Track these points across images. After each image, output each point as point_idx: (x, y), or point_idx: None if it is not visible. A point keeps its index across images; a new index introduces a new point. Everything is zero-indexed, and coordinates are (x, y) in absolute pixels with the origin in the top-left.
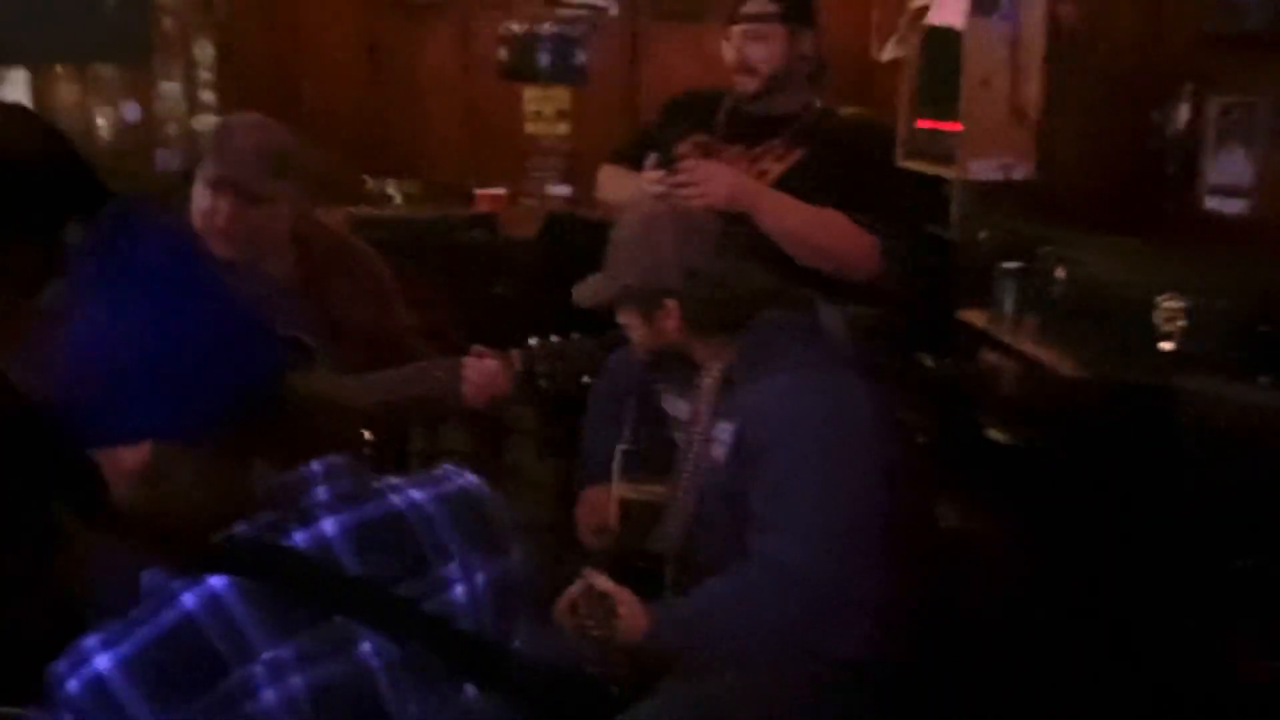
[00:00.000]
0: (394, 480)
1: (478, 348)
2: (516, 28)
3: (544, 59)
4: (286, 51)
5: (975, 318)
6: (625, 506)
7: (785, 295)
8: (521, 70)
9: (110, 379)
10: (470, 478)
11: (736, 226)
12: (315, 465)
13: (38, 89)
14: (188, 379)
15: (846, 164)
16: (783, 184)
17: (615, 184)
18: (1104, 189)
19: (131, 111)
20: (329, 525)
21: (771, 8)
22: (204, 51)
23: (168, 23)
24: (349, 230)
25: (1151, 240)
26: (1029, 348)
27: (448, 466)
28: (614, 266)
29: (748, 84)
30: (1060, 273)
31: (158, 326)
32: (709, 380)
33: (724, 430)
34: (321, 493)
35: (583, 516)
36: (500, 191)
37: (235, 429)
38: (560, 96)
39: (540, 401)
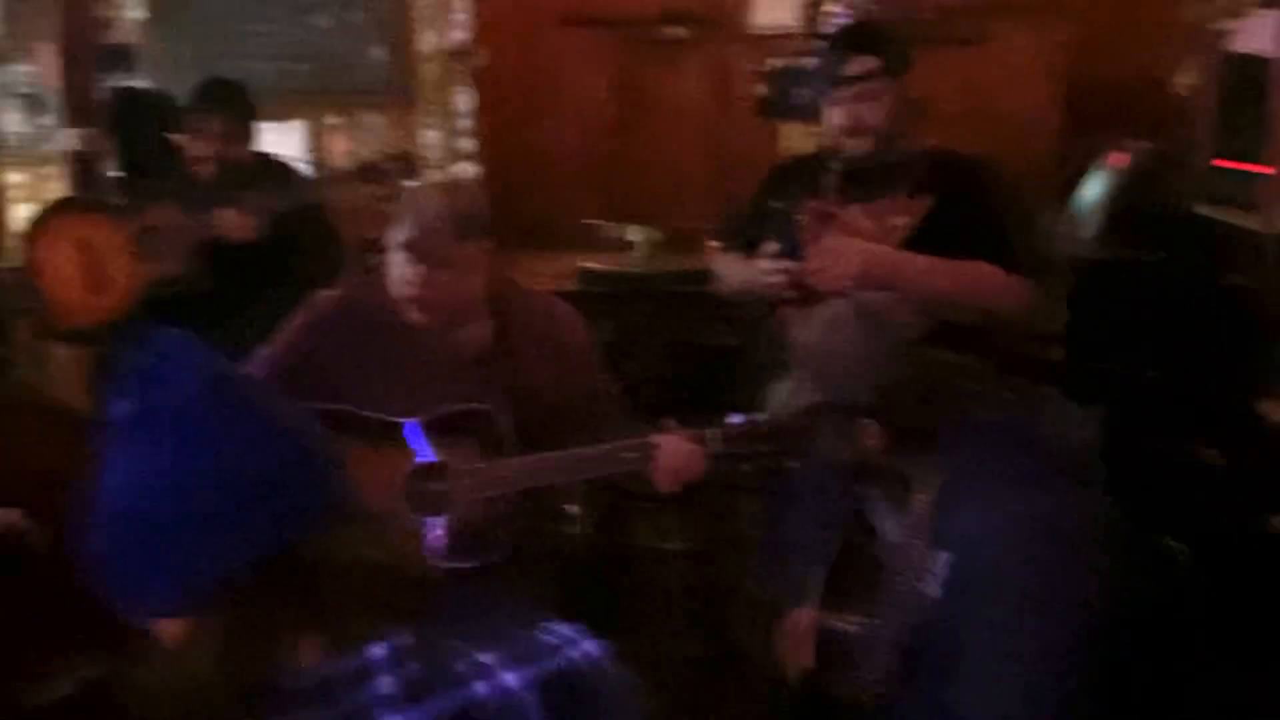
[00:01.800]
0: (483, 658)
1: (669, 423)
2: (776, 63)
3: (803, 95)
4: (542, 96)
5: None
6: (823, 638)
7: (1001, 395)
8: (779, 107)
9: (131, 535)
10: (586, 647)
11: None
12: (379, 649)
13: (312, 138)
14: (218, 537)
15: (977, 203)
16: (916, 236)
17: (734, 274)
18: None
19: None
20: None
21: (875, 64)
22: (463, 100)
23: (429, 71)
24: (573, 282)
25: None
26: None
27: (563, 630)
28: (801, 377)
29: (861, 145)
30: None
31: (183, 476)
32: (921, 500)
33: (939, 560)
34: (383, 684)
35: (785, 643)
36: None
37: (273, 599)
38: (820, 133)
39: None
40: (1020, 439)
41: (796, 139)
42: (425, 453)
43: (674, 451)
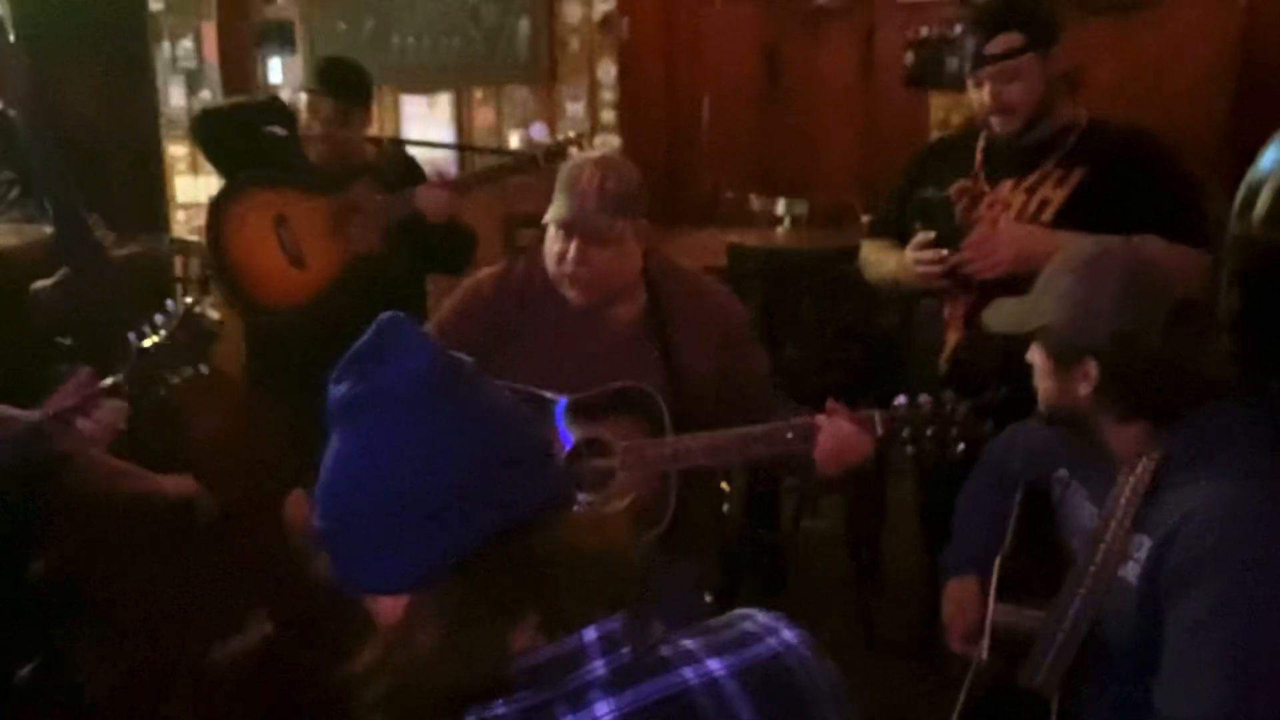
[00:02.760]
0: (688, 644)
1: (832, 404)
2: (926, 31)
3: (954, 63)
4: (687, 68)
5: None
6: (1000, 632)
7: (1241, 386)
8: (928, 75)
9: (356, 514)
10: (786, 635)
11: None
12: (591, 633)
13: (459, 110)
14: (444, 520)
15: (1137, 173)
16: (1071, 209)
17: (882, 262)
18: None
19: (538, 131)
20: (603, 708)
21: (1019, 40)
22: (607, 72)
23: (574, 45)
24: (720, 258)
25: None
26: None
27: (761, 618)
28: (1039, 297)
29: (1009, 124)
30: None
31: (409, 459)
32: (1127, 478)
33: (1139, 544)
34: (598, 667)
35: (950, 617)
36: None
37: (495, 583)
38: (970, 103)
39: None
40: (1252, 429)
41: (946, 109)
42: (585, 430)
43: (836, 434)
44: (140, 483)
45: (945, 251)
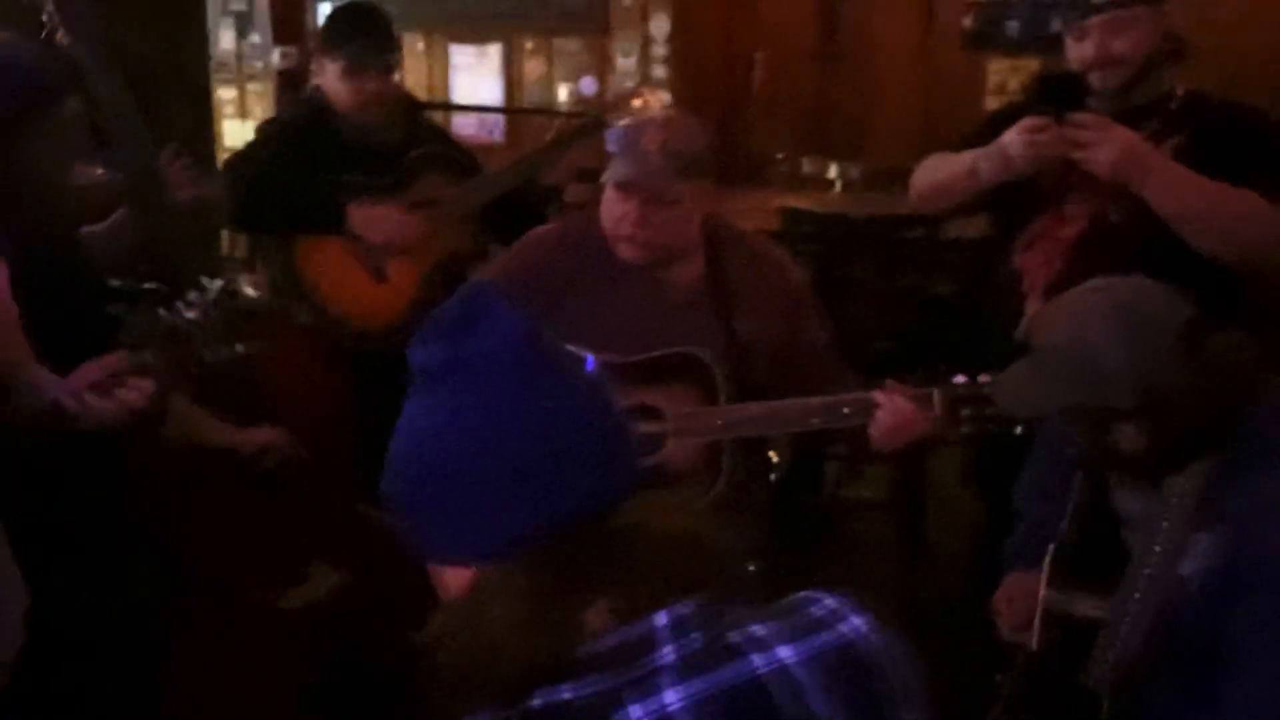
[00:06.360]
0: (757, 630)
1: (890, 383)
2: None
3: (1013, 27)
4: (741, 24)
5: None
6: (1052, 619)
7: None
8: (987, 39)
9: (432, 482)
10: (855, 622)
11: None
12: (662, 617)
13: (508, 62)
14: (523, 495)
15: (1236, 147)
16: None
17: (942, 165)
18: None
19: (588, 85)
20: (673, 696)
21: None
22: (659, 27)
23: None
24: (779, 223)
25: None
26: None
27: (829, 602)
28: (1045, 373)
29: (1111, 79)
30: None
31: (491, 431)
32: (1178, 481)
33: (1199, 541)
34: (668, 653)
35: (1002, 607)
36: None
37: (569, 562)
38: (1028, 68)
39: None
40: None
41: (1004, 74)
42: (637, 395)
43: (895, 411)
44: (221, 433)
45: (1049, 131)
